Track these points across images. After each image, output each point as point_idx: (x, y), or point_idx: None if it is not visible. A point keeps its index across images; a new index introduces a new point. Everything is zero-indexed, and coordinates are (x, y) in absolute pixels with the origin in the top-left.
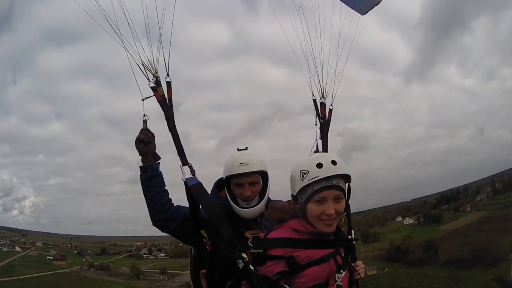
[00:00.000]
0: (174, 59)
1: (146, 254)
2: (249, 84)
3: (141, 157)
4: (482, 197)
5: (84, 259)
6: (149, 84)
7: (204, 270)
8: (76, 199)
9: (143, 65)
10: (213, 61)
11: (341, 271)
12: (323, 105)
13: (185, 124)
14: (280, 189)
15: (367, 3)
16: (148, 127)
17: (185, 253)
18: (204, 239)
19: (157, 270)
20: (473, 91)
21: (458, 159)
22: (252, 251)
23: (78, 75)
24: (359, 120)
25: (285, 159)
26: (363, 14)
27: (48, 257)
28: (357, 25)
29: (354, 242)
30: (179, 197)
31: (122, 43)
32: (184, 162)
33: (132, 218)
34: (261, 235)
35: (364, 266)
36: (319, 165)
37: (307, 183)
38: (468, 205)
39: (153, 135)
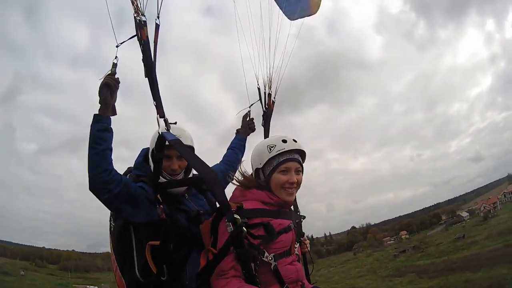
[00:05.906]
0: None
1: None
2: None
3: (100, 106)
4: None
5: None
6: (136, 19)
7: (155, 242)
8: None
9: None
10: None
11: (297, 242)
12: (269, 95)
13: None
14: None
15: (300, 12)
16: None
17: None
18: (161, 206)
19: None
20: None
21: None
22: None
23: None
24: None
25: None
26: (291, 20)
27: None
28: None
29: (303, 219)
30: None
31: None
32: (162, 113)
33: None
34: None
35: (309, 241)
36: (284, 141)
37: (274, 154)
38: None
39: (118, 82)
